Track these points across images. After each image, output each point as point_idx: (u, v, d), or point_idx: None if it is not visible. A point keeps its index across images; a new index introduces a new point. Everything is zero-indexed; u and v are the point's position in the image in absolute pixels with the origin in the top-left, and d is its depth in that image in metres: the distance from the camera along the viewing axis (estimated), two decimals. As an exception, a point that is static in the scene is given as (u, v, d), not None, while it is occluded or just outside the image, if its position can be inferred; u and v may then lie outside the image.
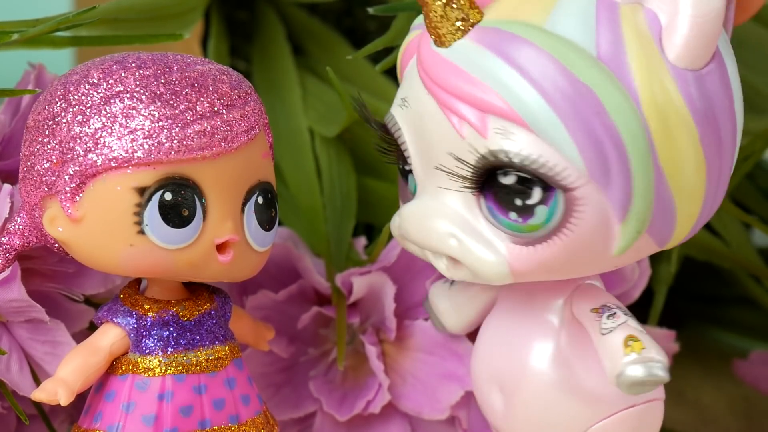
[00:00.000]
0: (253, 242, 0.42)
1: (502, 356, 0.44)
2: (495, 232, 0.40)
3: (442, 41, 0.40)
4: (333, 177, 0.55)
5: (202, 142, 0.40)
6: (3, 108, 0.47)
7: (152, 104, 0.40)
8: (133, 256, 0.40)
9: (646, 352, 0.40)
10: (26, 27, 0.47)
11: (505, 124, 0.38)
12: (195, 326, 0.43)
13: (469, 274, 0.41)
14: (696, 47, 0.38)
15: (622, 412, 0.42)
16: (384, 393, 0.50)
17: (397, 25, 0.54)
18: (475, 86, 0.39)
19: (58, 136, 0.40)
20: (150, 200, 0.40)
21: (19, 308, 0.45)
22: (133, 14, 0.53)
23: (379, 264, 0.50)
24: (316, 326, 0.52)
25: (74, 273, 0.47)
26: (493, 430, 0.45)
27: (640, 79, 0.38)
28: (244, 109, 0.42)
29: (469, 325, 0.47)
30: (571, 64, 0.38)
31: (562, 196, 0.39)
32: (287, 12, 0.62)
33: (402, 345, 0.51)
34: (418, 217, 0.41)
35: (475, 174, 0.39)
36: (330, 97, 0.57)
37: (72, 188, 0.40)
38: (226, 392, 0.43)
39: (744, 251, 0.61)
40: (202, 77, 0.41)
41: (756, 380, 0.63)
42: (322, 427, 0.51)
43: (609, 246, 0.40)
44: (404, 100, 0.42)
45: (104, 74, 0.41)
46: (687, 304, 0.71)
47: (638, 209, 0.39)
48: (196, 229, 0.41)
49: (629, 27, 0.38)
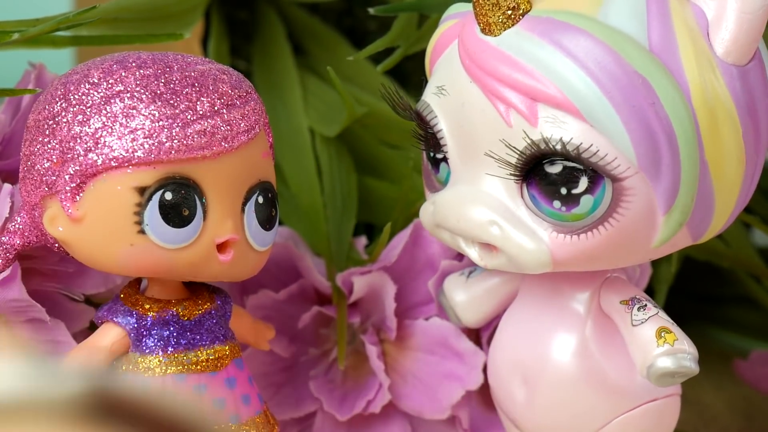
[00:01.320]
0: (254, 242, 0.42)
1: (526, 347, 0.44)
2: (536, 220, 0.40)
3: (491, 29, 0.40)
4: (333, 176, 0.55)
5: (202, 142, 0.40)
6: (3, 108, 0.47)
7: (153, 104, 0.40)
8: (134, 255, 0.40)
9: (679, 343, 0.40)
10: (26, 27, 0.47)
11: (556, 113, 0.39)
12: (195, 326, 0.42)
13: (506, 262, 0.41)
14: (743, 43, 0.39)
15: (644, 405, 0.43)
16: (384, 393, 0.50)
17: (398, 26, 0.54)
18: (527, 74, 0.39)
19: (58, 135, 0.40)
20: (150, 200, 0.40)
21: (19, 308, 0.45)
22: (134, 14, 0.52)
23: (380, 263, 0.50)
24: (317, 326, 0.52)
25: (74, 272, 0.47)
26: (508, 422, 0.45)
27: (690, 73, 0.38)
28: (245, 109, 0.42)
29: (486, 318, 0.47)
30: (626, 54, 0.38)
31: (610, 186, 0.39)
32: (288, 12, 0.62)
33: (402, 345, 0.51)
34: (457, 204, 0.41)
35: (523, 161, 0.39)
36: (330, 96, 0.57)
37: (72, 188, 0.40)
38: (226, 392, 0.43)
39: (744, 251, 0.61)
40: (203, 77, 0.41)
41: (756, 380, 0.63)
42: (323, 426, 0.51)
43: (650, 238, 0.40)
44: (440, 89, 0.42)
45: (104, 74, 0.41)
46: (687, 304, 0.70)
47: (683, 201, 0.39)
48: (197, 229, 0.41)
49: (679, 20, 0.39)
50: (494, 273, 0.46)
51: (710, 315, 0.72)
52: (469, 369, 0.49)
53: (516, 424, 0.45)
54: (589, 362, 0.42)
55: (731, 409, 0.66)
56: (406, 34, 0.54)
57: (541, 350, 0.43)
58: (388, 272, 0.50)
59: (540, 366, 0.43)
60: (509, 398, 0.45)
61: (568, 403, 0.43)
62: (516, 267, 0.41)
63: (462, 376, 0.50)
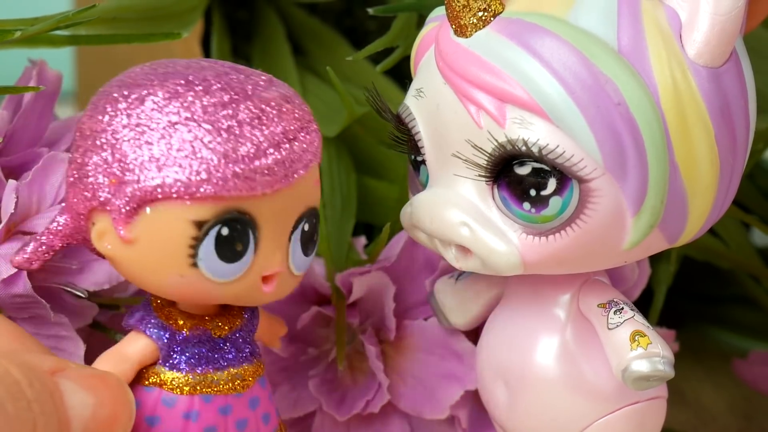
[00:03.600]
0: (294, 268, 0.41)
1: (507, 350, 0.44)
2: (507, 222, 0.40)
3: (463, 31, 0.40)
4: (333, 176, 0.55)
5: (265, 180, 0.39)
6: (4, 105, 0.47)
7: (219, 136, 0.38)
8: (181, 284, 0.39)
9: (653, 347, 0.40)
10: (25, 25, 0.47)
11: (523, 114, 0.39)
12: (226, 343, 0.42)
13: (479, 264, 0.41)
14: (716, 45, 0.38)
15: (625, 408, 0.43)
16: (383, 393, 0.50)
17: (397, 26, 0.54)
18: (495, 75, 0.39)
19: (117, 154, 0.39)
20: (207, 234, 0.38)
21: (22, 303, 0.45)
22: (133, 13, 0.52)
23: (379, 264, 0.50)
24: (316, 326, 0.52)
25: (78, 269, 0.47)
26: (496, 424, 0.46)
27: (659, 74, 0.38)
28: (305, 142, 0.40)
29: (475, 321, 0.47)
30: (592, 56, 0.38)
31: (577, 187, 0.39)
32: (287, 12, 0.62)
33: (401, 345, 0.51)
34: (431, 205, 0.42)
35: (491, 163, 0.39)
36: (330, 96, 0.57)
37: (127, 210, 0.39)
38: (249, 413, 0.42)
39: (743, 251, 0.61)
40: (269, 107, 0.40)
41: (755, 380, 0.63)
42: (322, 426, 0.51)
43: (621, 240, 0.40)
44: (419, 91, 0.42)
45: (171, 95, 0.39)
46: (687, 304, 0.71)
47: (652, 203, 0.39)
48: (247, 263, 0.39)
49: (650, 22, 0.39)
50: (482, 277, 0.46)
51: (710, 315, 0.72)
52: (468, 369, 0.49)
53: (501, 427, 0.45)
54: (569, 365, 0.42)
55: (731, 409, 0.67)
56: (406, 34, 0.54)
57: (522, 353, 0.43)
58: (387, 272, 0.50)
59: (520, 368, 0.43)
60: (493, 401, 0.45)
61: (549, 406, 0.43)
62: (489, 269, 0.41)
63: (461, 376, 0.50)
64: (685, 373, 0.66)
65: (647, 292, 0.52)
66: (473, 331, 0.51)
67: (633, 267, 0.50)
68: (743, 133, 0.40)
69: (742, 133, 0.40)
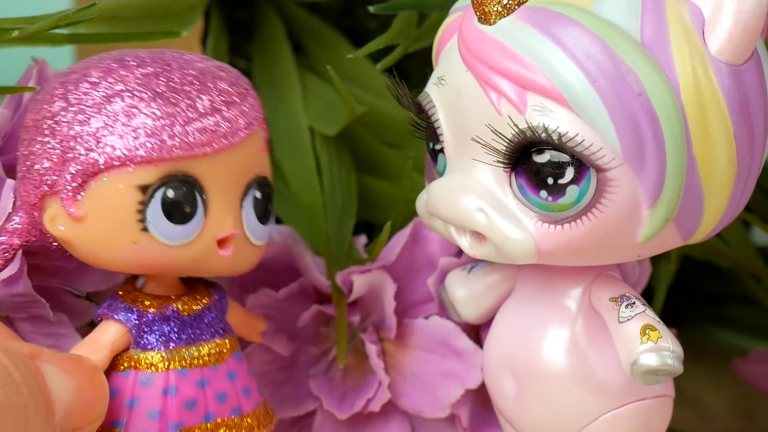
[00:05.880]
0: (252, 236, 0.43)
1: (516, 341, 0.44)
2: (524, 210, 0.40)
3: (487, 18, 0.40)
4: (333, 175, 0.55)
5: (203, 139, 0.40)
6: (5, 103, 0.47)
7: (153, 102, 0.40)
8: (136, 253, 0.41)
9: (663, 341, 0.40)
10: (25, 24, 0.47)
11: (544, 101, 0.39)
12: (195, 321, 0.43)
13: (494, 251, 0.41)
14: (738, 42, 0.39)
15: (632, 404, 0.43)
16: (384, 391, 0.50)
17: (398, 24, 0.54)
18: (518, 63, 0.39)
19: (58, 135, 0.40)
20: (153, 198, 0.40)
21: (21, 303, 0.45)
22: (132, 12, 0.52)
23: (380, 262, 0.50)
24: (317, 324, 0.52)
25: (76, 269, 0.47)
26: (501, 416, 0.45)
27: (681, 68, 0.38)
28: (243, 105, 0.42)
29: (486, 315, 0.47)
30: (615, 46, 0.38)
31: (595, 176, 0.39)
32: (287, 10, 0.62)
33: (402, 343, 0.51)
34: (447, 191, 0.42)
35: (510, 149, 0.40)
36: (330, 95, 0.57)
37: (74, 187, 0.40)
38: (228, 385, 0.43)
39: (744, 250, 0.61)
40: (202, 74, 0.41)
41: (756, 379, 0.63)
42: (323, 425, 0.51)
43: (636, 232, 0.40)
44: (440, 79, 0.42)
45: (104, 73, 0.41)
46: (687, 303, 0.70)
47: (668, 196, 0.39)
48: (198, 225, 0.41)
49: (674, 17, 0.39)
50: (494, 269, 0.46)
51: (710, 314, 0.72)
52: (469, 368, 0.49)
53: (507, 419, 0.45)
54: (577, 358, 0.43)
55: (731, 408, 0.67)
56: (406, 32, 0.54)
57: (531, 345, 0.43)
58: (387, 271, 0.50)
59: (529, 360, 0.43)
60: (500, 393, 0.45)
61: (555, 399, 0.43)
62: (503, 256, 0.41)
63: (461, 375, 0.50)
64: (686, 372, 0.66)
65: (648, 291, 0.52)
66: (473, 330, 0.51)
67: (634, 266, 0.50)
68: (761, 132, 0.40)
69: (761, 132, 0.40)
